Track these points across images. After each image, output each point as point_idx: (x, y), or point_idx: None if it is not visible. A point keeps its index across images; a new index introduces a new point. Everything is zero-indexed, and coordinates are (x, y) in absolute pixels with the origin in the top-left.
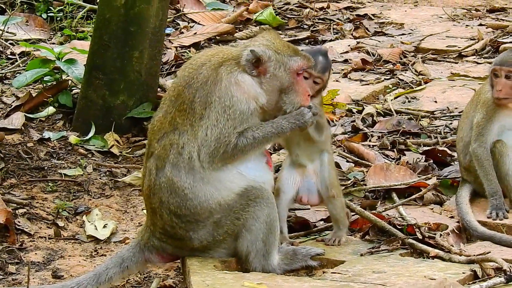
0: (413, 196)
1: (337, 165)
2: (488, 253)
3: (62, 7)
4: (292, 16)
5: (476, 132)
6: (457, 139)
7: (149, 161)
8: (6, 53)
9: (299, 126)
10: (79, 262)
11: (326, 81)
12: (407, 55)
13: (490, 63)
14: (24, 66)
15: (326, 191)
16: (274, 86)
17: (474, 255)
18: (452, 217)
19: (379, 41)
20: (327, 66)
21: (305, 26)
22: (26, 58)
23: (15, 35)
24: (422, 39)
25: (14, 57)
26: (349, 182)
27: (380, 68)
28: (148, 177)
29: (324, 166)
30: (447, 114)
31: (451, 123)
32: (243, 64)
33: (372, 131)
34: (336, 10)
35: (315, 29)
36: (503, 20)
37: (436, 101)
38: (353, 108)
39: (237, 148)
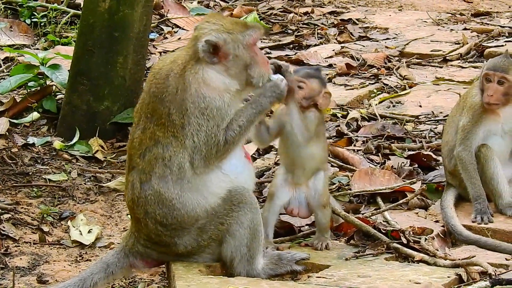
0: (399, 202)
1: None
2: (473, 257)
3: (46, 13)
4: (276, 21)
5: (462, 136)
6: (442, 143)
7: (130, 175)
8: None
9: (277, 97)
10: (64, 267)
11: (315, 92)
12: (391, 60)
13: (475, 67)
14: (8, 71)
15: (317, 200)
16: (239, 67)
17: (459, 259)
18: (437, 221)
19: (364, 46)
20: (311, 74)
21: (290, 31)
22: (10, 63)
23: None
24: (407, 44)
25: None
26: (334, 186)
27: (364, 73)
28: (131, 191)
29: (318, 180)
30: (432, 119)
31: (436, 128)
32: (202, 57)
33: (357, 136)
34: (320, 15)
35: (299, 34)
36: (487, 24)
37: (420, 106)
38: (338, 112)
39: (228, 143)
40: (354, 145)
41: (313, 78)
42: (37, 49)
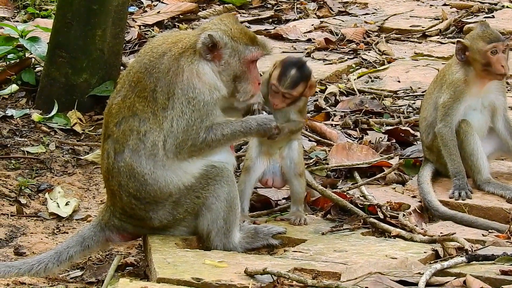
0: (377, 176)
1: None
2: (453, 234)
3: None
4: None
5: (442, 112)
6: (420, 118)
7: (106, 143)
8: None
9: (264, 131)
10: (41, 239)
11: (301, 93)
12: (370, 35)
13: (454, 43)
14: None
15: (293, 169)
16: (229, 74)
17: (437, 235)
18: (414, 196)
19: (343, 21)
20: (297, 81)
21: (269, 5)
22: None
23: None
24: (386, 19)
25: None
26: (311, 161)
27: (343, 48)
28: (106, 160)
29: (292, 150)
30: (410, 94)
31: (414, 103)
32: (198, 48)
33: (335, 110)
34: None
35: (278, 8)
36: (467, 0)
37: (399, 81)
38: (316, 87)
39: (205, 142)
40: (332, 120)
41: (299, 85)
42: (17, 21)
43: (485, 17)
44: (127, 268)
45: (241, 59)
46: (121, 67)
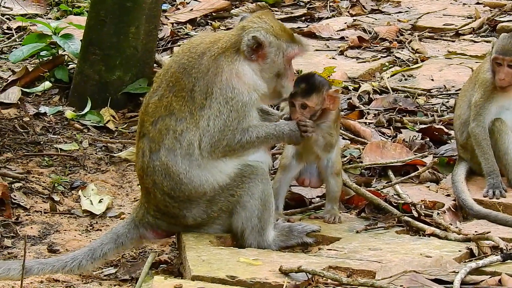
0: (411, 174)
1: None
2: (487, 232)
3: None
4: None
5: (474, 112)
6: (454, 116)
7: (141, 142)
8: (3, 28)
9: (296, 137)
10: (75, 236)
11: (319, 105)
12: (403, 33)
13: (487, 41)
14: (20, 40)
15: (330, 169)
16: (272, 72)
17: (471, 234)
18: (448, 195)
19: (376, 19)
20: (310, 90)
21: (302, 3)
22: (22, 33)
23: (12, 10)
24: (419, 17)
25: (10, 31)
26: (345, 159)
27: (376, 46)
28: (141, 158)
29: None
30: (444, 92)
31: (447, 101)
32: (243, 50)
33: (369, 109)
34: None
35: (311, 6)
36: None
37: (432, 79)
38: (350, 85)
39: (239, 144)
40: (366, 118)
41: (312, 94)
42: (50, 18)
43: None
44: (161, 265)
45: (285, 56)
46: (155, 65)
